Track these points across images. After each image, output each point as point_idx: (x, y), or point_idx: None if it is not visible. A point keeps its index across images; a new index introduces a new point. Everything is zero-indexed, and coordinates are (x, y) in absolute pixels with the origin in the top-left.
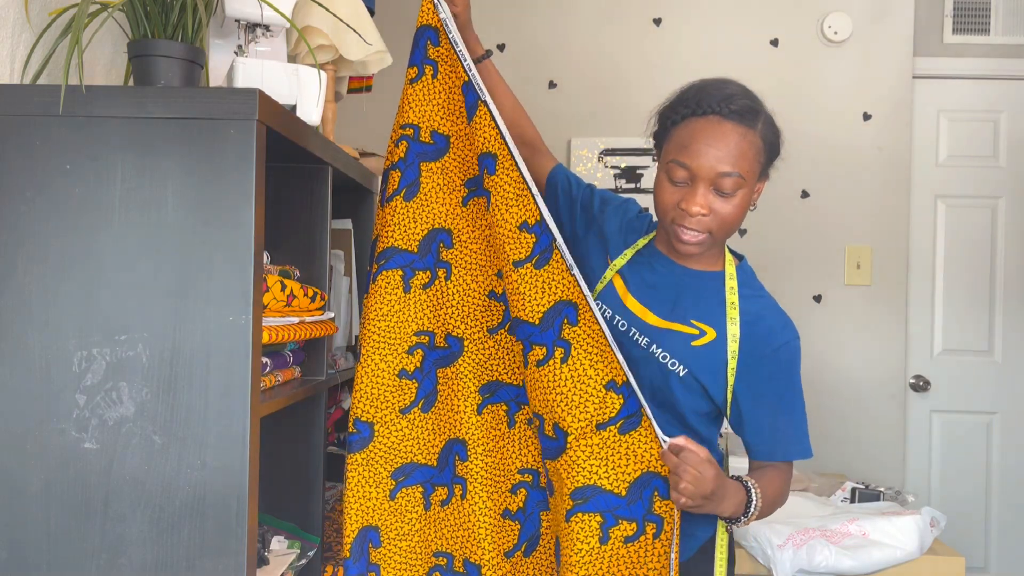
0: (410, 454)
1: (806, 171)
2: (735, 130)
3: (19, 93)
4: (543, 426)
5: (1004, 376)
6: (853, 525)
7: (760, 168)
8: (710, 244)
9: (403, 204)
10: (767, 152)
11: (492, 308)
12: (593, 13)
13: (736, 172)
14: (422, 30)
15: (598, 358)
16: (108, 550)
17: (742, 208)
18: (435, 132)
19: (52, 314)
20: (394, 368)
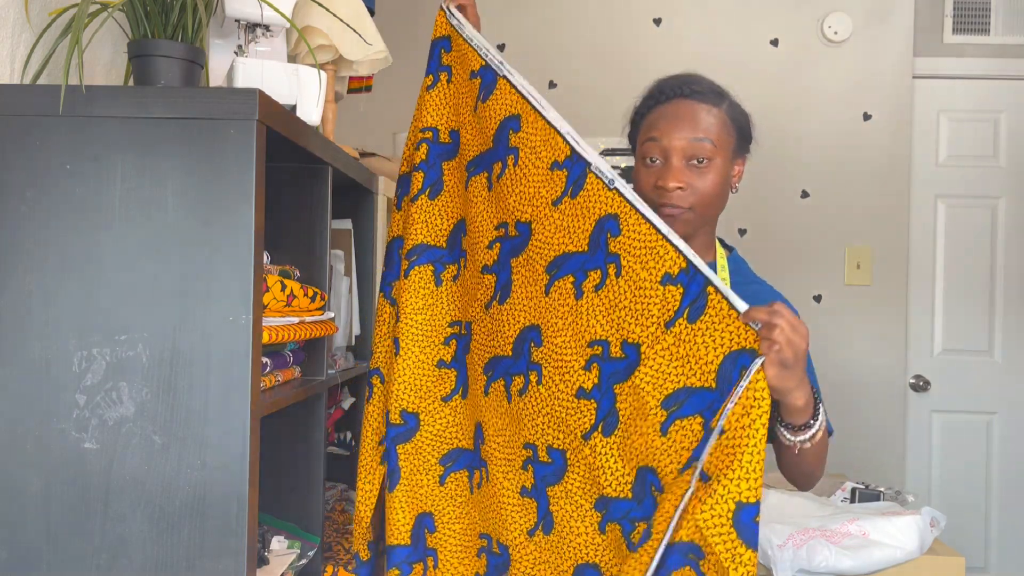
0: (455, 440)
1: (806, 171)
2: (700, 107)
3: (19, 93)
4: (608, 349)
5: (1004, 376)
6: (853, 525)
7: (732, 144)
8: (695, 222)
9: (428, 203)
10: (736, 130)
11: (485, 281)
12: (593, 13)
13: (707, 138)
14: (435, 43)
15: (648, 256)
16: (108, 550)
17: (719, 180)
18: (452, 131)
19: (52, 314)
20: (433, 359)
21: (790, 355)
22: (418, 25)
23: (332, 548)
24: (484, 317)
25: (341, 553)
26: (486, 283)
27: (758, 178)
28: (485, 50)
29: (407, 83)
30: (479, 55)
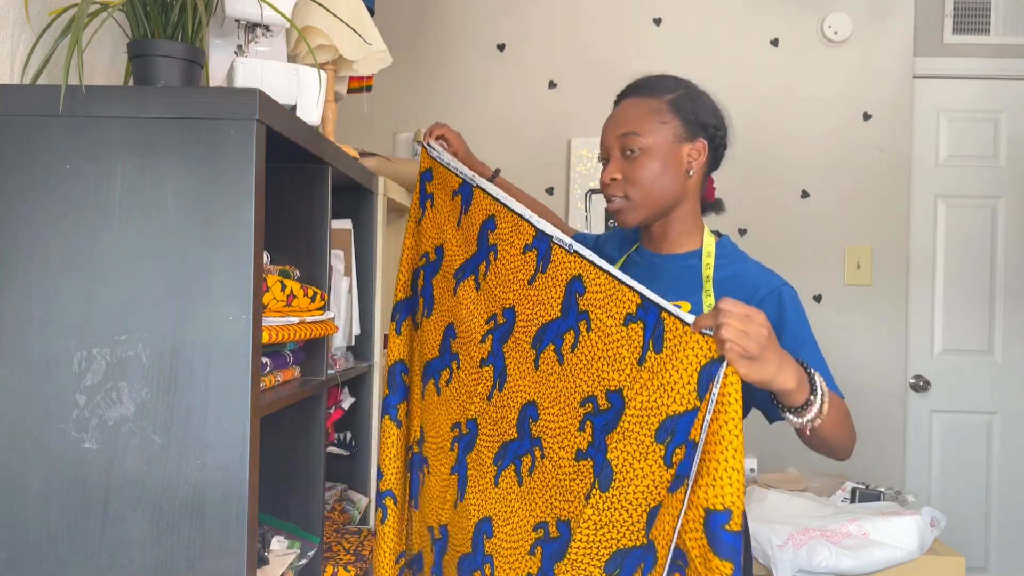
0: (461, 548)
1: (806, 171)
2: (632, 102)
3: (19, 93)
4: (596, 403)
5: (1004, 376)
6: (853, 525)
7: (673, 130)
8: (639, 210)
9: (428, 321)
10: (680, 116)
11: (483, 374)
12: (593, 13)
13: (635, 131)
14: (421, 176)
15: (610, 303)
16: (108, 550)
17: (657, 166)
18: (436, 247)
19: (52, 314)
20: (447, 468)
21: (751, 347)
22: (418, 25)
23: (332, 548)
24: (488, 408)
25: (341, 553)
26: (484, 375)
27: (758, 178)
28: (458, 169)
29: (407, 83)
30: (455, 175)
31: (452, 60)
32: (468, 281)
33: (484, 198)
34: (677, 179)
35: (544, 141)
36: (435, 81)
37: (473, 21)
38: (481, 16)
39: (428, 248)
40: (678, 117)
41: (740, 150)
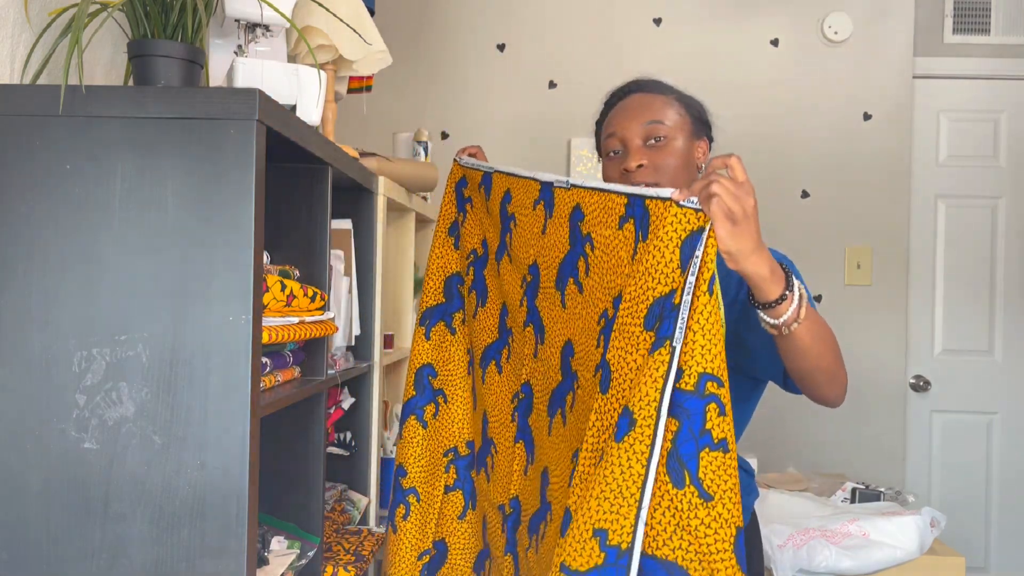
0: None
1: (806, 171)
2: (649, 96)
3: (19, 93)
4: (606, 315)
5: (1004, 376)
6: (853, 525)
7: (689, 125)
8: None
9: (483, 310)
10: (689, 113)
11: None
12: (593, 13)
13: (659, 120)
14: (457, 185)
15: (605, 215)
16: (108, 550)
17: (679, 156)
18: (482, 241)
19: (52, 314)
20: (511, 439)
21: (736, 207)
22: (418, 25)
23: (332, 548)
24: (536, 365)
25: (341, 553)
26: (527, 336)
27: (758, 178)
28: (481, 165)
29: (407, 83)
30: (480, 171)
31: (452, 60)
32: (504, 258)
33: (499, 177)
34: (691, 175)
35: (544, 141)
36: (435, 81)
37: (473, 21)
38: (481, 16)
39: (475, 245)
40: (688, 114)
41: (740, 150)
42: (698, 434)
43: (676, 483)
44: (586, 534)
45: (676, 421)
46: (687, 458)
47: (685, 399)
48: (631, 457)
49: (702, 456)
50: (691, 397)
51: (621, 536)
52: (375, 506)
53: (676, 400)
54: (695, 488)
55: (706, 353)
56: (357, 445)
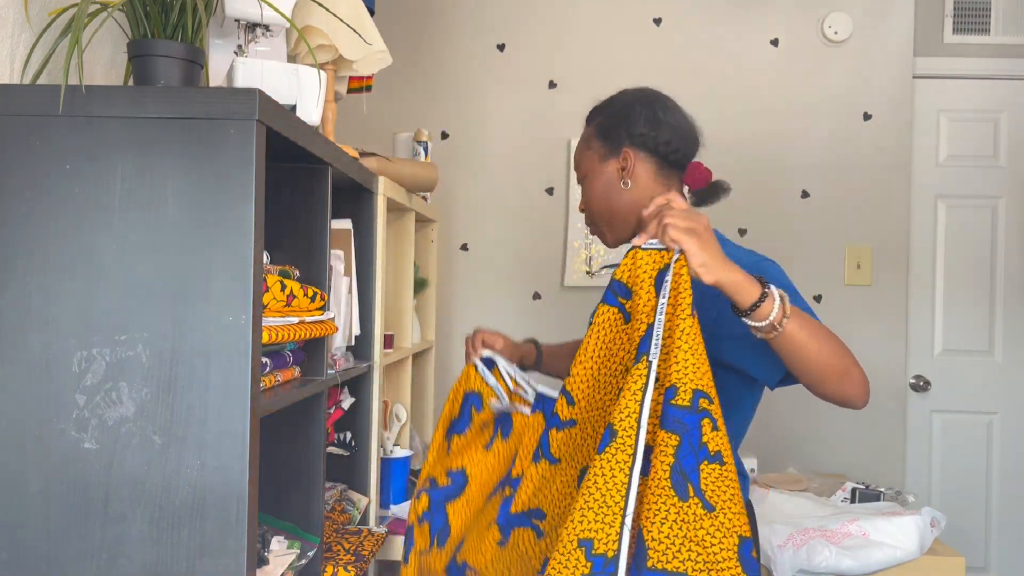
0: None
1: (806, 171)
2: (580, 138)
3: (19, 93)
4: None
5: (1004, 376)
6: (853, 525)
7: (596, 154)
8: (605, 231)
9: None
10: (599, 135)
11: None
12: (593, 13)
13: (575, 166)
14: (466, 396)
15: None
16: (108, 550)
17: (594, 192)
18: (450, 471)
19: (52, 314)
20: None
21: (692, 224)
22: (418, 25)
23: (332, 548)
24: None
25: (341, 553)
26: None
27: (758, 178)
28: (502, 402)
29: (407, 83)
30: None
31: (452, 60)
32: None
33: (518, 417)
34: (617, 192)
35: (544, 141)
36: (435, 81)
37: (473, 21)
38: (481, 16)
39: (437, 474)
40: (600, 139)
41: (740, 150)
42: (697, 447)
43: (681, 496)
44: (571, 545)
45: (676, 436)
46: (689, 471)
47: (683, 414)
48: (613, 467)
49: (702, 468)
50: (688, 413)
51: (607, 545)
52: (375, 506)
53: (674, 416)
54: (699, 499)
55: (695, 371)
56: (357, 445)
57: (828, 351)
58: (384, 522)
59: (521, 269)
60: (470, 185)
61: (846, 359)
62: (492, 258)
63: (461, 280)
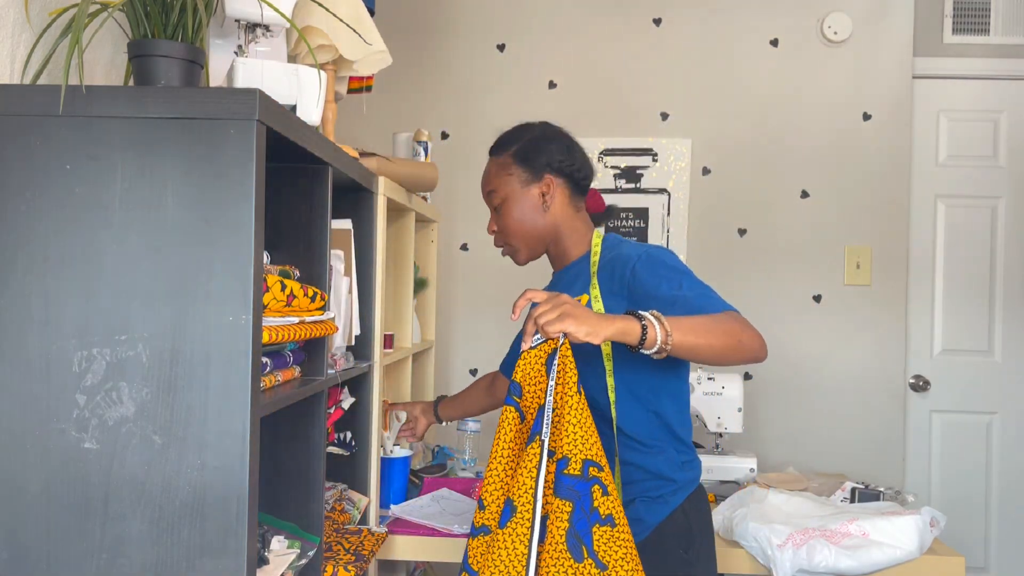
0: None
1: (806, 171)
2: (490, 161)
3: (19, 93)
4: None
5: (1004, 376)
6: (853, 525)
7: (517, 179)
8: (522, 251)
9: None
10: (518, 162)
11: None
12: (593, 13)
13: (490, 189)
14: None
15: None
16: (108, 550)
17: (515, 213)
18: None
19: (52, 314)
20: None
21: (557, 309)
22: (418, 25)
23: (332, 548)
24: None
25: (341, 553)
26: None
27: (758, 178)
28: None
29: (407, 83)
30: None
31: (452, 60)
32: None
33: None
34: (538, 214)
35: None
36: (435, 81)
37: (473, 21)
38: (481, 16)
39: None
40: (520, 165)
41: (740, 150)
42: (589, 511)
43: (576, 558)
44: None
45: (569, 503)
46: (583, 534)
47: (575, 482)
48: (515, 539)
49: (595, 531)
50: (579, 481)
51: None
52: (375, 506)
53: (567, 484)
54: (592, 560)
55: (584, 443)
56: (357, 445)
57: (715, 339)
58: (384, 522)
59: (521, 269)
60: (470, 185)
61: (733, 334)
62: (492, 258)
63: (461, 280)
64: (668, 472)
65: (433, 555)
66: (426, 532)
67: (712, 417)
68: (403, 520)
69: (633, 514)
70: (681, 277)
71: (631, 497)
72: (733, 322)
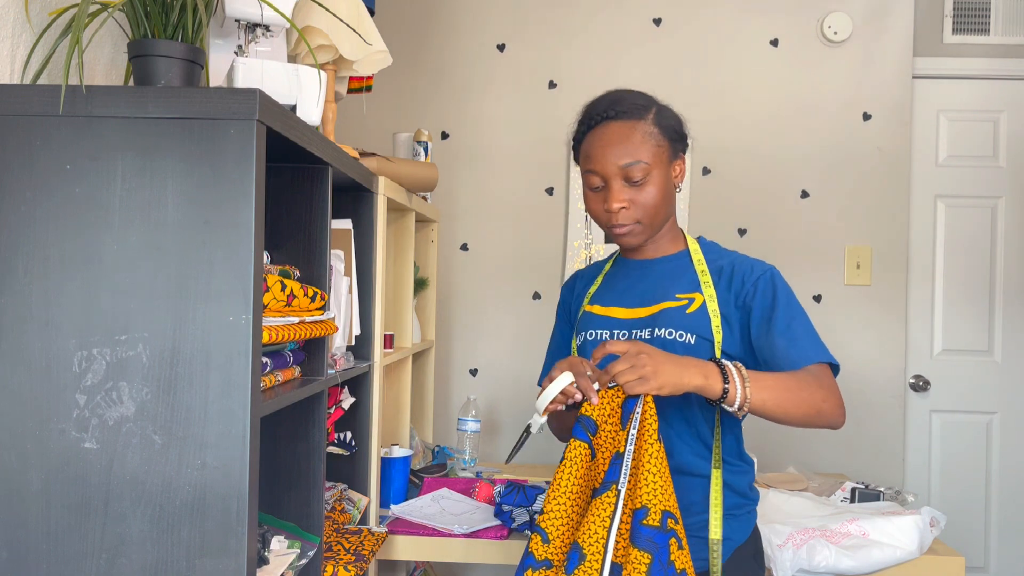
0: None
1: (806, 171)
2: (624, 126)
3: (19, 93)
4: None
5: (1004, 376)
6: (853, 525)
7: (666, 151)
8: (646, 231)
9: None
10: (666, 135)
11: None
12: (593, 13)
13: (637, 160)
14: None
15: None
16: (108, 550)
17: (660, 190)
18: None
19: (52, 314)
20: None
21: (643, 371)
22: (418, 25)
23: (332, 548)
24: None
25: (341, 553)
26: None
27: (758, 178)
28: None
29: (407, 83)
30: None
31: (452, 60)
32: None
33: None
34: (672, 196)
35: (544, 141)
36: (435, 81)
37: (473, 21)
38: (481, 16)
39: None
40: (666, 137)
41: (739, 150)
42: (666, 564)
43: None
44: None
45: (648, 554)
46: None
47: (654, 534)
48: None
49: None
50: (658, 532)
51: None
52: (375, 506)
53: (646, 535)
54: None
55: (663, 493)
56: (357, 445)
57: (794, 407)
58: (384, 522)
59: (521, 269)
60: (470, 185)
61: (813, 404)
62: (492, 258)
63: (461, 280)
64: (747, 490)
65: (433, 555)
66: (426, 532)
67: None
68: (403, 520)
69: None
70: (794, 312)
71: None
72: (818, 388)
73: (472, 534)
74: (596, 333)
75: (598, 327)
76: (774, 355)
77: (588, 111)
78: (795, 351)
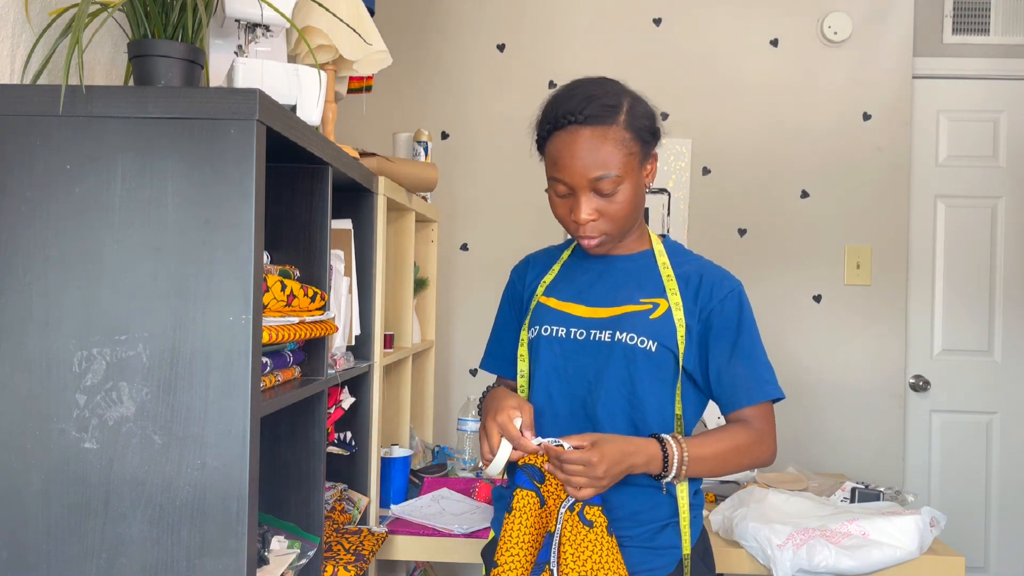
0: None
1: (806, 171)
2: (594, 133)
3: (19, 93)
4: None
5: (1004, 376)
6: (853, 525)
7: (636, 157)
8: (614, 240)
9: None
10: (638, 138)
11: None
12: (593, 13)
13: (608, 173)
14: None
15: None
16: (108, 550)
17: (629, 200)
18: None
19: (52, 314)
20: None
21: (585, 490)
22: (418, 25)
23: (332, 548)
24: None
25: (341, 553)
26: None
27: (758, 178)
28: None
29: (407, 83)
30: None
31: (452, 60)
32: None
33: None
34: (642, 199)
35: None
36: (435, 81)
37: (473, 21)
38: (481, 16)
39: None
40: (638, 140)
41: (740, 150)
42: None
43: None
44: None
45: None
46: None
47: None
48: None
49: None
50: None
51: None
52: (375, 506)
53: None
54: None
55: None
56: (357, 445)
57: (726, 471)
58: (384, 522)
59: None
60: (470, 185)
61: (744, 466)
62: (492, 258)
63: (461, 280)
64: (691, 496)
65: (433, 555)
66: (426, 532)
67: (712, 416)
68: (403, 520)
69: (668, 540)
70: (755, 340)
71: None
72: (754, 449)
73: (472, 534)
74: (552, 329)
75: (554, 323)
76: (734, 384)
77: (555, 108)
78: (754, 385)
